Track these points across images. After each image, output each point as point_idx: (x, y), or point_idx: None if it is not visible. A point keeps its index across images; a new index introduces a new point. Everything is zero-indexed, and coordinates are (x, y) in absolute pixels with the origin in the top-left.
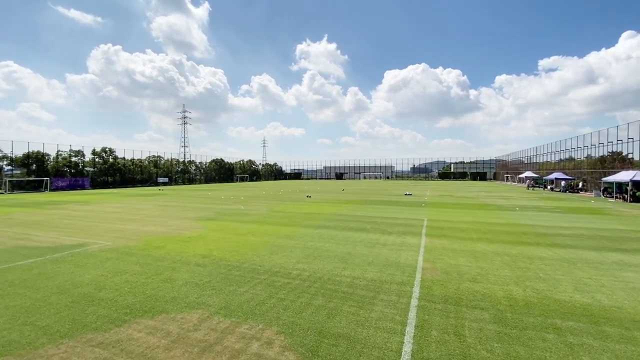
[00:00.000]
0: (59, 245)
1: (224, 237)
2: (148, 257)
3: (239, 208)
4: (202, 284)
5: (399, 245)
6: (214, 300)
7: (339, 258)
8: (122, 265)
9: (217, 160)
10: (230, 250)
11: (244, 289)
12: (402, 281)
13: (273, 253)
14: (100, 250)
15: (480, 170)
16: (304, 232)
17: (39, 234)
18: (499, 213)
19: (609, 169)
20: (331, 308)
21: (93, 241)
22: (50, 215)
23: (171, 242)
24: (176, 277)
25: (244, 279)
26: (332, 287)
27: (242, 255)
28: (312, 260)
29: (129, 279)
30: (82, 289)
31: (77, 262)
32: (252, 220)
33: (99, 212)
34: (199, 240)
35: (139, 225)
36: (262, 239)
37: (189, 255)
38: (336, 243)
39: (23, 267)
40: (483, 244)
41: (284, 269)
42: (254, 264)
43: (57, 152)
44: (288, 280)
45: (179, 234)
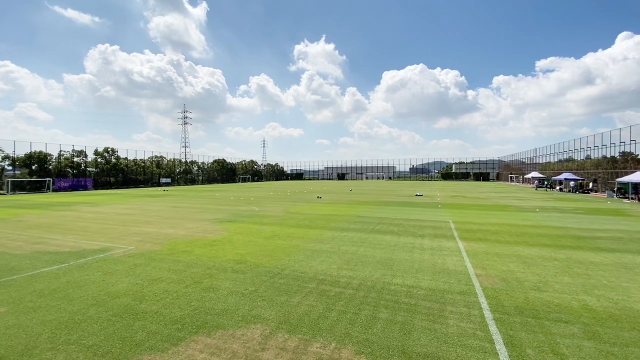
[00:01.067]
0: (81, 250)
1: (250, 240)
2: (179, 263)
3: (252, 209)
4: (249, 294)
5: (438, 250)
6: (270, 313)
7: (381, 264)
8: (154, 272)
9: (219, 160)
10: (264, 255)
11: (297, 300)
12: (462, 290)
13: (309, 258)
14: (126, 256)
15: (482, 170)
16: (331, 235)
17: (57, 238)
18: (522, 214)
19: (620, 169)
20: (401, 322)
21: (115, 245)
22: (62, 218)
23: (197, 246)
24: (217, 285)
25: (292, 288)
26: (390, 297)
27: (278, 261)
28: (354, 266)
29: (168, 288)
30: (120, 300)
31: (104, 268)
32: (273, 222)
33: (111, 214)
34: (225, 244)
35: (156, 227)
36: (291, 242)
37: (221, 260)
38: (371, 247)
39: (49, 274)
40: (524, 248)
41: (329, 276)
42: (295, 271)
43: (59, 152)
44: (339, 289)
45: (202, 237)
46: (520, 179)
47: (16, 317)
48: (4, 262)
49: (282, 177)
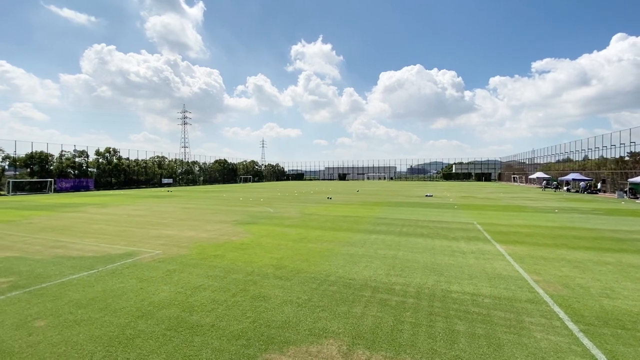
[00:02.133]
0: (106, 255)
1: (279, 243)
2: (215, 269)
3: (266, 210)
4: (304, 303)
5: (479, 253)
6: (337, 326)
7: (429, 269)
8: (193, 279)
9: (221, 160)
10: (301, 260)
11: (359, 310)
12: (529, 298)
13: (351, 263)
14: (156, 261)
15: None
16: (362, 238)
17: (75, 241)
18: (543, 215)
19: (629, 169)
20: (485, 336)
21: (140, 249)
22: (73, 220)
23: (227, 250)
24: (266, 294)
25: (347, 297)
26: (456, 306)
27: (319, 266)
28: (400, 272)
29: (215, 297)
30: (168, 311)
31: (138, 275)
32: (294, 224)
33: (123, 216)
34: (255, 248)
35: (175, 230)
36: (323, 246)
37: (258, 265)
38: (409, 251)
39: (80, 282)
40: (566, 251)
41: (380, 283)
42: (342, 277)
43: (60, 152)
44: (398, 297)
45: (228, 240)
46: (522, 179)
47: (60, 332)
48: (27, 268)
49: (282, 177)
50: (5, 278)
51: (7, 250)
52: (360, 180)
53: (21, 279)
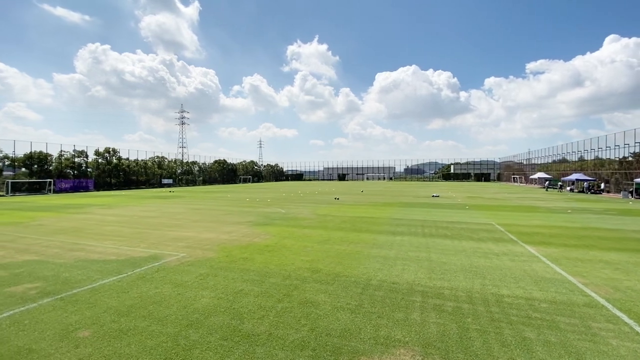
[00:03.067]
0: (129, 258)
1: (305, 245)
2: (248, 272)
3: (278, 211)
4: (356, 309)
5: (512, 255)
6: (402, 334)
7: (469, 272)
8: (231, 284)
9: (220, 161)
10: (334, 263)
11: (417, 317)
12: (585, 302)
13: (386, 266)
14: (184, 264)
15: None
16: (387, 240)
17: (93, 244)
18: (559, 216)
19: (633, 169)
20: (560, 344)
21: (163, 252)
22: (84, 221)
23: (254, 253)
24: (313, 299)
25: (398, 302)
26: (515, 312)
27: (355, 269)
28: (441, 275)
29: (260, 303)
30: (217, 318)
31: (171, 280)
32: (312, 226)
33: (134, 217)
34: (282, 250)
35: (193, 231)
36: (349, 247)
37: (292, 268)
38: (441, 253)
39: (113, 287)
40: (599, 252)
41: (427, 287)
42: (384, 281)
43: (59, 152)
44: (452, 303)
45: (250, 242)
46: (522, 180)
47: (109, 344)
48: (51, 272)
49: (281, 177)
50: (31, 284)
51: (24, 253)
52: (360, 180)
53: (48, 284)
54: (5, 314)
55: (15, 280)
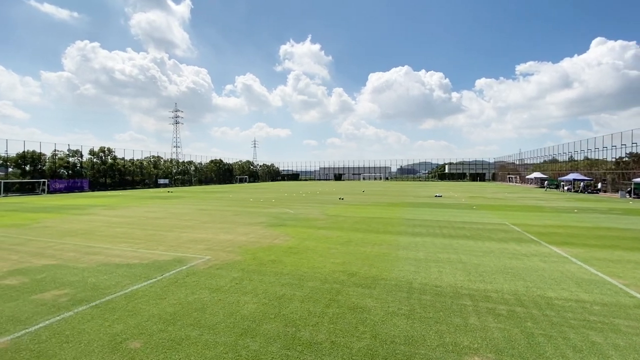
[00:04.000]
0: (152, 261)
1: (329, 247)
2: (283, 276)
3: (286, 212)
4: (410, 315)
5: (541, 256)
6: (469, 340)
7: (507, 274)
8: (269, 288)
9: (216, 160)
10: (366, 265)
11: (475, 322)
12: (635, 304)
13: (422, 268)
14: (212, 267)
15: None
16: (409, 241)
17: (108, 246)
18: (568, 215)
19: (629, 169)
20: (632, 347)
21: (186, 255)
22: (90, 223)
23: (280, 255)
24: (362, 304)
25: (449, 306)
26: (572, 315)
27: (391, 272)
28: (480, 277)
29: (309, 309)
30: (269, 326)
31: (205, 284)
32: (327, 226)
33: (141, 219)
34: (307, 252)
35: (208, 233)
36: (375, 249)
37: (325, 271)
38: (470, 254)
39: (147, 293)
40: (624, 252)
41: (472, 290)
42: (426, 284)
43: (53, 151)
44: (505, 306)
45: (272, 243)
46: (518, 179)
47: (167, 355)
48: (77, 278)
49: (277, 177)
50: (58, 290)
51: (39, 257)
52: (356, 180)
53: (77, 290)
54: (41, 324)
55: (40, 286)
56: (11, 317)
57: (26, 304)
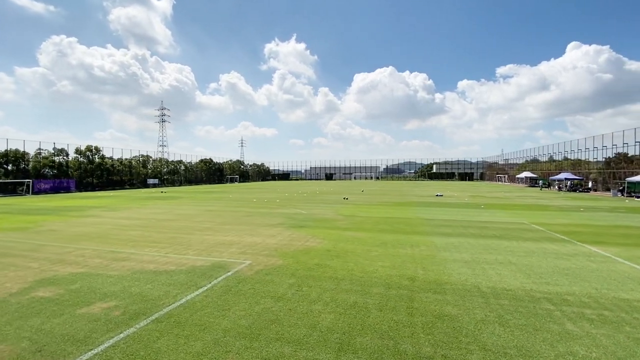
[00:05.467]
0: (191, 268)
1: (367, 249)
2: (342, 281)
3: (299, 212)
4: (503, 322)
5: (585, 256)
6: (583, 350)
7: (566, 275)
8: (336, 296)
9: (206, 160)
10: (419, 268)
11: (573, 328)
12: None
13: (478, 271)
14: (260, 273)
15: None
16: (445, 242)
17: (132, 251)
18: (578, 214)
19: (619, 169)
20: None
21: (222, 259)
22: (97, 226)
23: (323, 258)
24: (445, 312)
25: (535, 311)
26: None
27: (449, 276)
28: (542, 279)
29: (392, 318)
30: (363, 339)
31: (264, 292)
32: (351, 227)
33: (151, 220)
34: (350, 255)
35: (231, 235)
36: (417, 251)
37: (383, 276)
38: (514, 255)
39: (206, 304)
40: None
41: (544, 293)
42: (494, 288)
43: (37, 150)
44: (591, 310)
45: (305, 246)
46: (506, 179)
47: None
48: (117, 288)
49: (267, 177)
50: (104, 302)
51: (63, 264)
52: (348, 180)
53: (126, 302)
54: (105, 343)
55: (80, 298)
56: (67, 337)
57: (75, 319)
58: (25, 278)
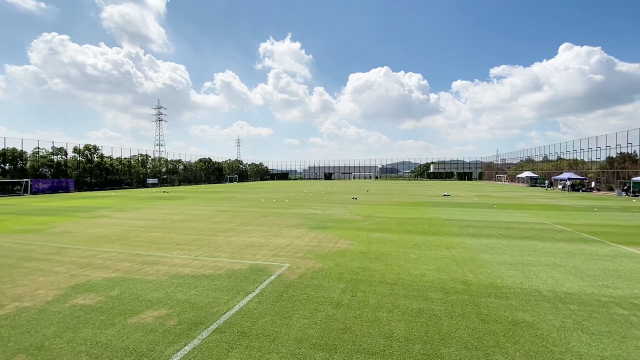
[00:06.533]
0: (229, 271)
1: (403, 251)
2: (394, 286)
3: (314, 213)
4: (582, 328)
5: (627, 257)
6: None
7: (617, 277)
8: (397, 302)
9: (205, 159)
10: (467, 271)
11: None
12: None
13: (528, 273)
14: (305, 277)
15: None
16: (480, 243)
17: (160, 254)
18: (596, 214)
19: (623, 169)
20: None
21: (260, 262)
22: (114, 227)
23: (363, 261)
24: (517, 318)
25: (611, 317)
26: None
27: (502, 279)
28: (598, 281)
29: (468, 326)
30: (447, 350)
31: (316, 298)
32: (376, 229)
33: (166, 222)
34: (389, 258)
35: (258, 237)
36: (454, 253)
37: (434, 280)
38: (554, 256)
39: (262, 312)
40: None
41: (609, 298)
42: (555, 292)
43: (35, 149)
44: None
45: (338, 248)
46: (506, 178)
47: None
48: (161, 294)
49: (265, 177)
50: (153, 311)
51: (92, 269)
52: (347, 179)
53: (176, 310)
54: (173, 357)
55: (126, 306)
56: (128, 350)
57: (130, 330)
58: (58, 284)
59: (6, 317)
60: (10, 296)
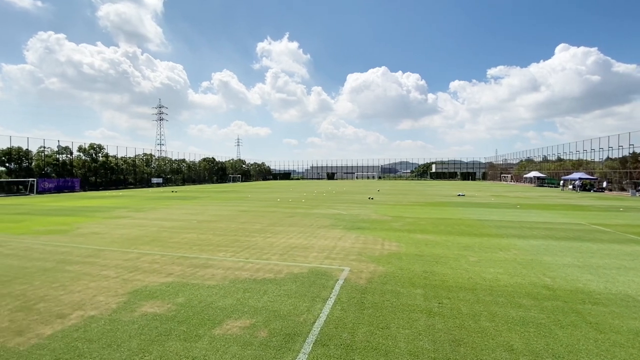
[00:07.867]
0: (290, 275)
1: (458, 254)
2: (476, 292)
3: (338, 213)
4: None
5: None
6: None
7: None
8: (492, 309)
9: (209, 159)
10: (541, 274)
11: None
12: None
13: (599, 277)
14: (376, 282)
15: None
16: (530, 245)
17: (206, 257)
18: (628, 214)
19: (633, 169)
20: None
21: (317, 266)
22: (141, 228)
23: (423, 265)
24: (634, 327)
25: None
26: None
27: (586, 284)
28: None
29: (587, 336)
30: None
31: (401, 306)
32: (414, 229)
33: (193, 222)
34: (448, 261)
35: (298, 239)
36: (511, 255)
37: (514, 284)
38: (617, 258)
39: (358, 321)
40: None
41: None
42: None
43: (41, 148)
44: None
45: (388, 250)
46: (512, 178)
47: None
48: (232, 301)
49: (268, 177)
50: (236, 320)
51: (142, 273)
52: (350, 179)
53: (260, 319)
54: None
55: (202, 315)
56: None
57: (221, 343)
58: (114, 290)
59: (76, 328)
60: (69, 304)
